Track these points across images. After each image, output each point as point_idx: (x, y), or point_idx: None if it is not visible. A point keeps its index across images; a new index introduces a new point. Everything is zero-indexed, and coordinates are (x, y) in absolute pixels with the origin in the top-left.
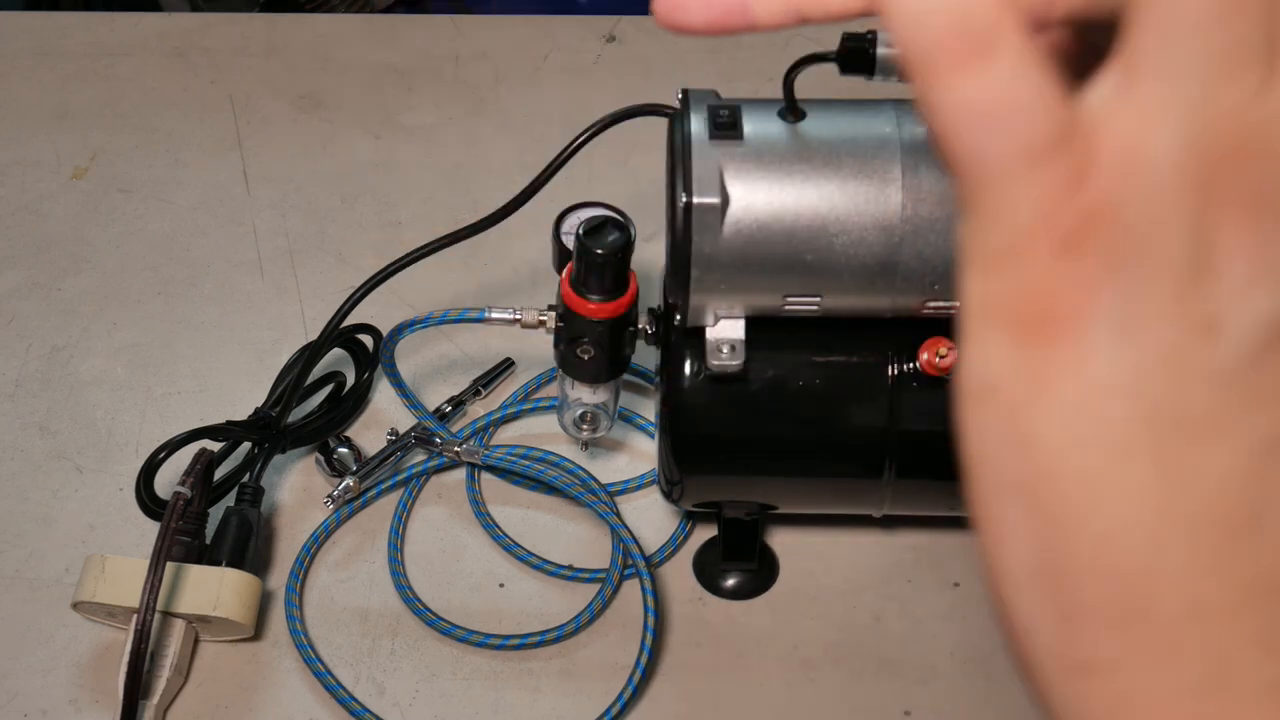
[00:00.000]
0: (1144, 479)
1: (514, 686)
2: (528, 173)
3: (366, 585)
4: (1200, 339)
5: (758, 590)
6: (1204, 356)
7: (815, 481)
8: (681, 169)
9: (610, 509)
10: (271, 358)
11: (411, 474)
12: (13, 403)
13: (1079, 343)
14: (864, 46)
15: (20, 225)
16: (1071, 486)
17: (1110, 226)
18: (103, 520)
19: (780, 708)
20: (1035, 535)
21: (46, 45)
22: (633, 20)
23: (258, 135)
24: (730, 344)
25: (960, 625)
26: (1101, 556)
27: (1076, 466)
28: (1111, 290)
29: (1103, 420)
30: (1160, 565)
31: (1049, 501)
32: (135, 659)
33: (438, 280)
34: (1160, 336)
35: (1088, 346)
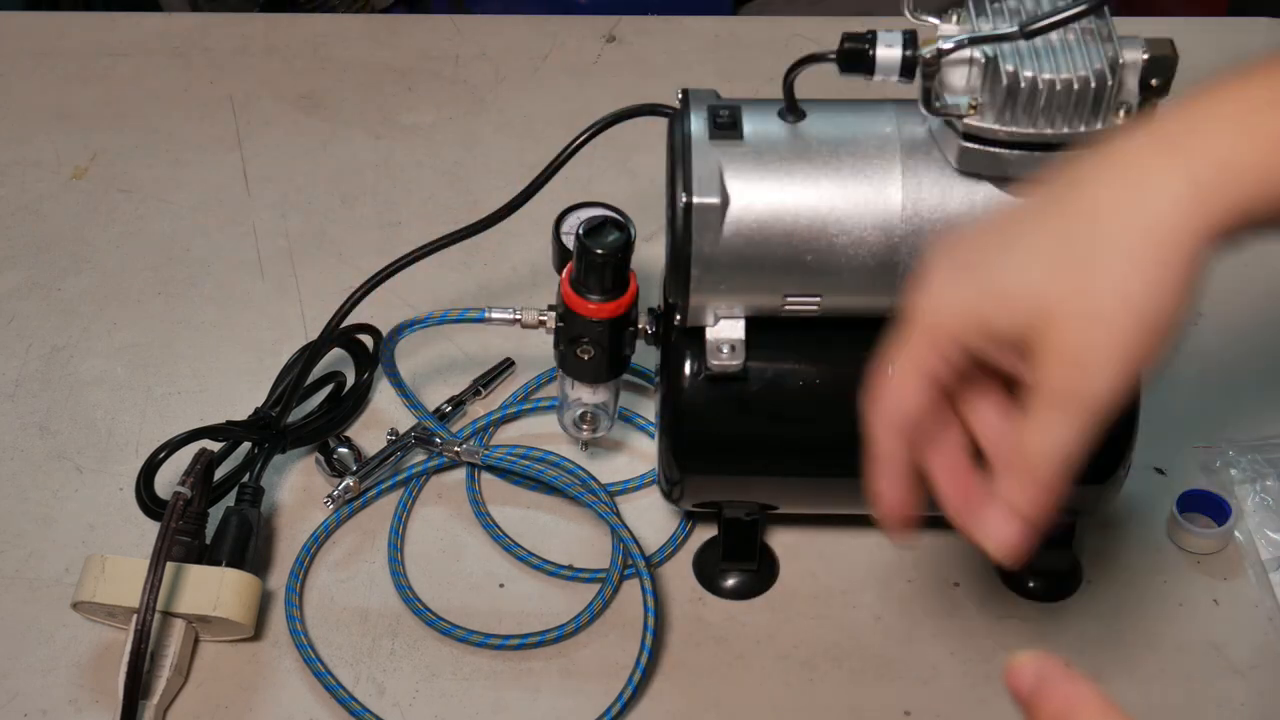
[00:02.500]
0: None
1: (514, 686)
2: (528, 173)
3: (366, 585)
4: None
5: (758, 590)
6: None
7: (815, 481)
8: (681, 169)
9: (610, 509)
10: (271, 358)
11: (411, 474)
12: (13, 403)
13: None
14: (864, 47)
15: (20, 225)
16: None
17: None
18: (103, 520)
19: (780, 708)
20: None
21: (46, 45)
22: (633, 20)
23: (258, 135)
24: (730, 344)
25: (960, 625)
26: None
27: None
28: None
29: None
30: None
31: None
32: (135, 659)
33: (438, 280)
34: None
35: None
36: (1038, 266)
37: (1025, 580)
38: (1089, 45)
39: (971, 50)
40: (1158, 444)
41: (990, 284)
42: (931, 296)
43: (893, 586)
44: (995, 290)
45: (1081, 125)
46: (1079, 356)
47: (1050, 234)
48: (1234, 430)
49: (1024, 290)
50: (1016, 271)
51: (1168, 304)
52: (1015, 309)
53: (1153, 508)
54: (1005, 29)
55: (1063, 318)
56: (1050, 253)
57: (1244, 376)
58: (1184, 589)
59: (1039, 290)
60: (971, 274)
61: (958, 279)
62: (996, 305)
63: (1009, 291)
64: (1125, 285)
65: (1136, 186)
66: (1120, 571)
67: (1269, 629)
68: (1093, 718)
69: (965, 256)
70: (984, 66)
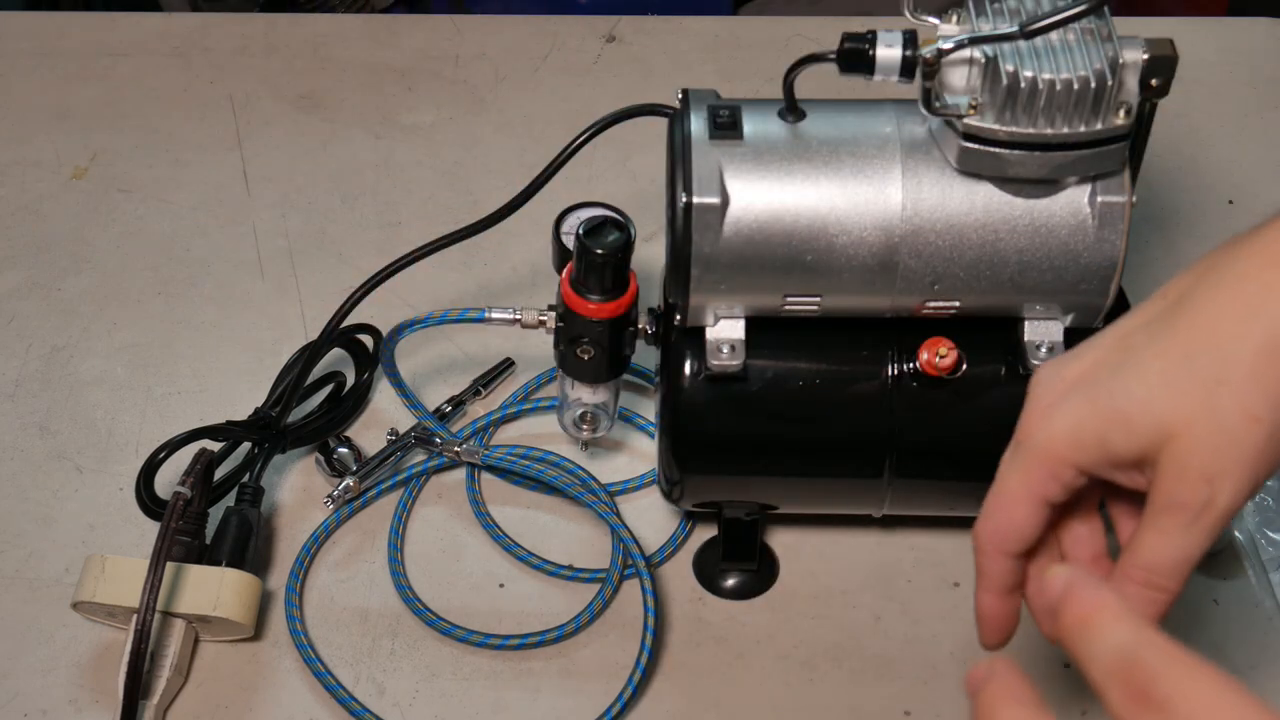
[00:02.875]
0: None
1: (514, 686)
2: (528, 173)
3: (366, 585)
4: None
5: (758, 590)
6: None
7: (815, 481)
8: (681, 169)
9: (610, 509)
10: (271, 358)
11: (411, 474)
12: (13, 403)
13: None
14: (864, 47)
15: (20, 225)
16: None
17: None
18: (103, 520)
19: (780, 708)
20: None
21: (46, 45)
22: (633, 20)
23: (258, 135)
24: (730, 344)
25: (960, 625)
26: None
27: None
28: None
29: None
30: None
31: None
32: (135, 659)
33: (438, 280)
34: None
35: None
36: (1159, 386)
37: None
38: (1089, 45)
39: (971, 50)
40: None
41: (1110, 405)
42: (1047, 419)
43: (893, 586)
44: (1115, 411)
45: (1081, 125)
46: (1209, 474)
47: (1169, 352)
48: None
49: (1146, 410)
50: (1138, 391)
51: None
52: (1137, 430)
53: None
54: (1005, 29)
55: (1191, 438)
56: (1171, 372)
57: None
58: (1184, 589)
59: (1163, 410)
60: (1088, 395)
61: (1073, 400)
62: (1117, 427)
63: (1130, 412)
64: (1251, 403)
65: (1255, 303)
66: None
67: (1269, 629)
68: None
69: (1079, 376)
70: (984, 66)
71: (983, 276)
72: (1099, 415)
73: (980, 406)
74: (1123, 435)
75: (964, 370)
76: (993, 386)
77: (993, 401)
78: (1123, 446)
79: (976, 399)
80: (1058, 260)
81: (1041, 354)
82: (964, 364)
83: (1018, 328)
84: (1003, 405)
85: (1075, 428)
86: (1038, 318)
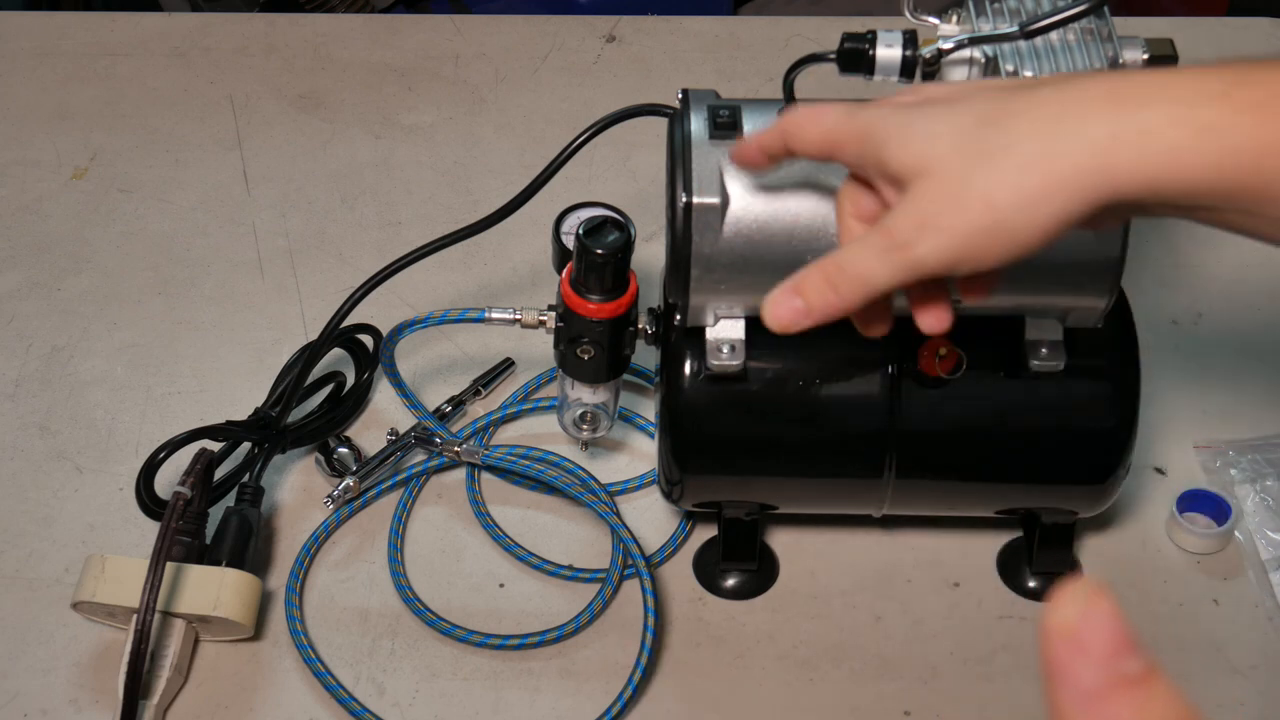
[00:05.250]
0: None
1: (514, 686)
2: (528, 173)
3: (366, 585)
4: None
5: (758, 590)
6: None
7: (815, 481)
8: (681, 169)
9: (610, 509)
10: (271, 358)
11: (411, 474)
12: (13, 403)
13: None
14: (864, 47)
15: (20, 225)
16: None
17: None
18: (103, 520)
19: (780, 708)
20: None
21: (46, 45)
22: (633, 20)
23: (258, 135)
24: (730, 344)
25: (960, 625)
26: None
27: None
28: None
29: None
30: None
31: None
32: (135, 659)
33: (438, 280)
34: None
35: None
36: (946, 133)
37: (1025, 580)
38: (1089, 45)
39: (971, 50)
40: (1158, 444)
41: (908, 124)
42: (877, 105)
43: (893, 586)
44: (907, 130)
45: None
46: (927, 220)
47: (975, 116)
48: (1234, 430)
49: (922, 144)
50: (930, 125)
51: (1023, 229)
52: (908, 154)
53: (1153, 508)
54: (1005, 29)
55: (933, 185)
56: (962, 129)
57: (1244, 376)
58: (1184, 589)
59: (933, 152)
60: (908, 109)
61: (900, 105)
62: (899, 142)
63: (912, 137)
64: (998, 191)
65: (1065, 120)
66: (1120, 571)
67: (1269, 629)
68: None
69: (917, 95)
70: (984, 66)
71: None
72: (896, 123)
73: (980, 406)
74: (898, 145)
75: (964, 370)
76: (993, 386)
77: (993, 401)
78: (895, 154)
79: (976, 399)
80: (1058, 260)
81: (1041, 354)
82: (964, 364)
83: (1018, 328)
84: (1003, 405)
85: (876, 121)
86: (1038, 318)
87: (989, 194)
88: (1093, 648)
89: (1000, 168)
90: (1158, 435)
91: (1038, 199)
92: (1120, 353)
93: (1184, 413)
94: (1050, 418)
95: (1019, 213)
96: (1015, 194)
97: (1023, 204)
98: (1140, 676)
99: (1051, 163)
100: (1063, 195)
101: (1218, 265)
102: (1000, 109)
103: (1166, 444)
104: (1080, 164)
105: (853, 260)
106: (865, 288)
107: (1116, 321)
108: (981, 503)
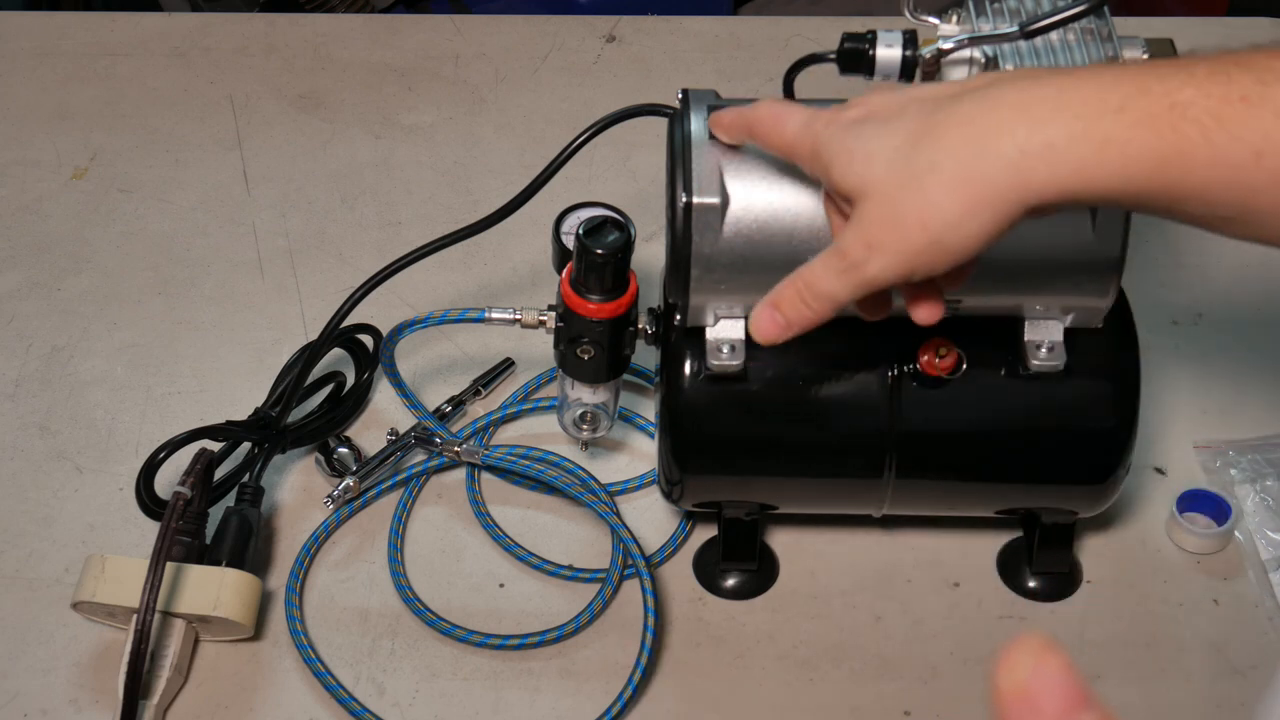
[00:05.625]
0: None
1: (514, 686)
2: (528, 173)
3: (366, 585)
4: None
5: (758, 590)
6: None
7: (815, 481)
8: (681, 169)
9: (610, 509)
10: (271, 358)
11: (411, 474)
12: (13, 403)
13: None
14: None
15: (20, 225)
16: None
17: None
18: (103, 520)
19: (780, 708)
20: None
21: (46, 45)
22: (633, 20)
23: (258, 135)
24: (730, 344)
25: (960, 625)
26: None
27: None
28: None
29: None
30: None
31: None
32: (135, 659)
33: (438, 280)
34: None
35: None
36: (883, 157)
37: (1025, 580)
38: (1089, 45)
39: (971, 50)
40: (1158, 444)
41: (851, 145)
42: (813, 118)
43: (893, 586)
44: (850, 152)
45: None
46: (872, 242)
47: (909, 137)
48: (1234, 430)
49: (864, 169)
50: (870, 148)
51: (961, 243)
52: (852, 177)
53: (1153, 508)
54: (1005, 29)
55: (876, 207)
56: (898, 153)
57: (1244, 376)
58: (1184, 589)
59: (873, 176)
60: (854, 125)
61: (850, 117)
62: (844, 165)
63: (854, 160)
64: (929, 213)
65: (982, 138)
66: (1120, 571)
67: (1269, 629)
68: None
69: (868, 107)
70: (984, 66)
71: (982, 276)
72: (841, 146)
73: (980, 406)
74: (841, 168)
75: (964, 370)
76: (993, 386)
77: (993, 401)
78: (838, 178)
79: (976, 399)
80: (1058, 260)
81: (1041, 354)
82: (964, 364)
83: (1018, 328)
84: (1003, 405)
85: (818, 142)
86: (1038, 318)
87: (921, 216)
88: (1045, 705)
89: (927, 190)
90: (1158, 435)
91: (965, 217)
92: (1120, 353)
93: (1184, 413)
94: (1050, 418)
95: (951, 230)
96: (944, 215)
97: (952, 223)
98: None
99: (971, 184)
100: (988, 211)
101: (1218, 265)
102: (926, 126)
103: (1166, 444)
104: (997, 181)
105: (816, 279)
106: (832, 302)
107: (1116, 321)
108: (981, 503)
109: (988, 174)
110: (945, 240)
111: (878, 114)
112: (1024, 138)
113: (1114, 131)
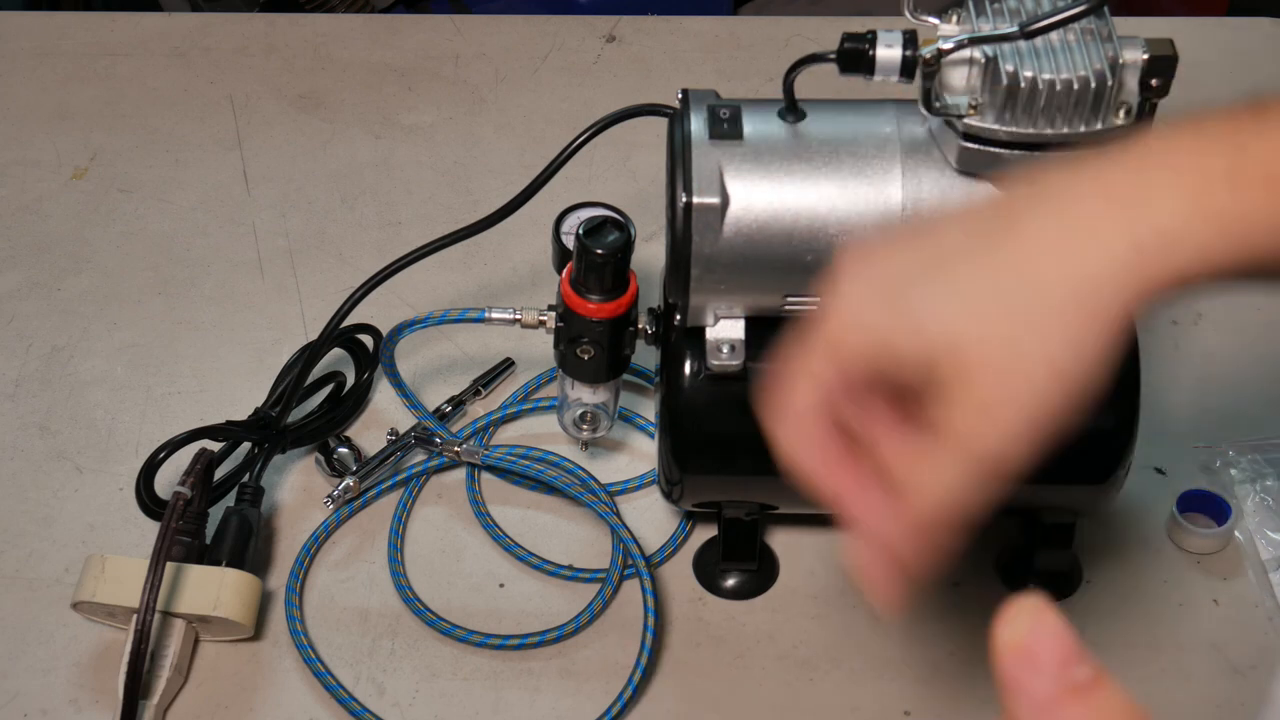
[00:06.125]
0: None
1: (514, 686)
2: (528, 173)
3: (366, 585)
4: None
5: (758, 590)
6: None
7: None
8: (681, 169)
9: (610, 509)
10: (271, 358)
11: (411, 474)
12: (13, 403)
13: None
14: (864, 47)
15: (20, 225)
16: None
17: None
18: (103, 520)
19: (780, 708)
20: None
21: (46, 45)
22: (633, 20)
23: (258, 135)
24: (730, 344)
25: (960, 625)
26: None
27: None
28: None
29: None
30: None
31: None
32: (135, 659)
33: (438, 280)
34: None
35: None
36: (960, 304)
37: (1025, 580)
38: (1089, 45)
39: (971, 50)
40: (1158, 444)
41: (907, 311)
42: (841, 310)
43: None
44: (910, 319)
45: (1081, 125)
46: (990, 407)
47: (979, 271)
48: (1234, 430)
49: (941, 327)
50: (937, 304)
51: (1089, 367)
52: (928, 343)
53: (1153, 508)
54: (1005, 29)
55: (980, 365)
56: (976, 293)
57: (1244, 376)
58: (1184, 589)
59: (958, 330)
60: (887, 295)
61: (871, 296)
62: (909, 336)
63: (925, 324)
64: (1051, 345)
65: (1078, 241)
66: (1120, 571)
67: (1269, 629)
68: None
69: (883, 273)
70: (984, 66)
71: None
72: (896, 318)
73: None
74: (916, 346)
75: None
76: None
77: None
78: (912, 357)
79: None
80: None
81: None
82: None
83: None
84: None
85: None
86: None
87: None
88: (1043, 659)
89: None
90: (1158, 435)
91: (1090, 335)
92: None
93: (1184, 413)
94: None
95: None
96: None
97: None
98: (1090, 683)
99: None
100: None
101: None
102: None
103: (1166, 444)
104: (1115, 285)
105: (928, 482)
106: (950, 506)
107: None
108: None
109: (1099, 280)
110: (1072, 371)
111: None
112: (1130, 232)
113: (1231, 203)
